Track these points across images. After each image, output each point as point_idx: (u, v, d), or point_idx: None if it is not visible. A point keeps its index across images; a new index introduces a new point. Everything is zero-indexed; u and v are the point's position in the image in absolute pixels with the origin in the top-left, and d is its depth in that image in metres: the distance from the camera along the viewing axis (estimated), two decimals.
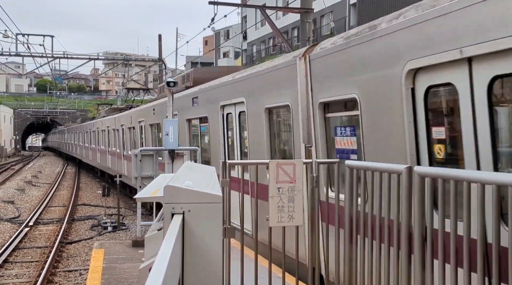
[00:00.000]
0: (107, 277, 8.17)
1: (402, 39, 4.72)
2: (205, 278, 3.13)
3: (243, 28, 59.86)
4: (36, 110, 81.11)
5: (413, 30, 4.55)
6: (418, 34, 4.47)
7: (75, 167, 46.81)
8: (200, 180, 3.86)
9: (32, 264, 13.32)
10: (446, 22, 4.14)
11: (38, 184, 33.12)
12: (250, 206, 7.83)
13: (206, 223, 3.15)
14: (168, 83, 11.84)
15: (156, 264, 2.06)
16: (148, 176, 12.10)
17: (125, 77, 48.93)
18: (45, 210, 22.23)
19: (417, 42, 4.49)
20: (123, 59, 40.95)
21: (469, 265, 3.30)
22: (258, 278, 5.17)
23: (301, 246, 5.43)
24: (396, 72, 4.81)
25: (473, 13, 3.85)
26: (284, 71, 7.34)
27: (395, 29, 4.84)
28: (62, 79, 56.84)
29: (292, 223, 4.89)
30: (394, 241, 4.01)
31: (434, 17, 4.27)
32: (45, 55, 32.80)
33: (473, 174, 3.29)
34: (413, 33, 4.55)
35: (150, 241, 4.57)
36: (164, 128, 11.33)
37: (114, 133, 24.66)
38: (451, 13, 4.08)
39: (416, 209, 3.75)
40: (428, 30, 4.33)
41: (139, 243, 9.99)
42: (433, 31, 4.28)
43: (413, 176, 3.78)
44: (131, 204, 22.02)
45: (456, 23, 4.02)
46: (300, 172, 4.86)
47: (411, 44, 4.57)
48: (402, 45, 4.71)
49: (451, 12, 4.09)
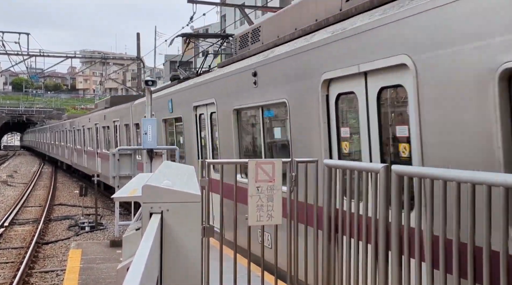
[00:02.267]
0: (85, 278, 8.09)
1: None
2: (184, 278, 3.12)
3: (222, 27, 59.81)
4: (11, 108, 79.79)
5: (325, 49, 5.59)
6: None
7: (51, 166, 46.18)
8: (179, 179, 3.84)
9: (7, 265, 13.10)
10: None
11: (13, 184, 32.59)
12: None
13: (185, 223, 3.14)
14: (146, 82, 11.76)
15: (134, 264, 2.05)
16: (126, 175, 12.00)
17: (103, 76, 48.50)
18: (21, 210, 21.89)
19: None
20: (101, 57, 40.51)
21: (445, 264, 3.35)
22: (238, 277, 5.17)
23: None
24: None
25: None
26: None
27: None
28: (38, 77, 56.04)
29: (271, 221, 4.90)
30: (372, 239, 4.05)
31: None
32: (21, 53, 32.27)
33: (449, 173, 3.34)
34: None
35: (128, 241, 4.54)
36: (142, 127, 11.26)
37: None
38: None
39: (393, 207, 3.79)
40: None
41: (117, 243, 9.92)
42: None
43: (390, 175, 3.82)
44: (109, 203, 21.81)
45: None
46: (279, 171, 4.87)
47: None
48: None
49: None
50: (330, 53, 5.46)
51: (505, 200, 2.95)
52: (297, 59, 6.19)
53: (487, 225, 3.06)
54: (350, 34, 5.11)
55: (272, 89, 6.88)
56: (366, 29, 4.83)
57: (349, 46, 5.11)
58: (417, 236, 3.55)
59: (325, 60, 5.56)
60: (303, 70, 6.06)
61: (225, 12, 60.29)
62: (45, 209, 21.39)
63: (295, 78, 6.28)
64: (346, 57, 5.17)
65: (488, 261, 3.05)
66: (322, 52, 5.63)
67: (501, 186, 2.94)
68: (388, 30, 4.52)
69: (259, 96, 7.28)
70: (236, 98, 8.13)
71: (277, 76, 6.73)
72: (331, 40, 5.47)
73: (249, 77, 7.53)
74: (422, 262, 3.55)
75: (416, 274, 3.57)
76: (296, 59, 6.22)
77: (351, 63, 5.06)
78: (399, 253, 3.77)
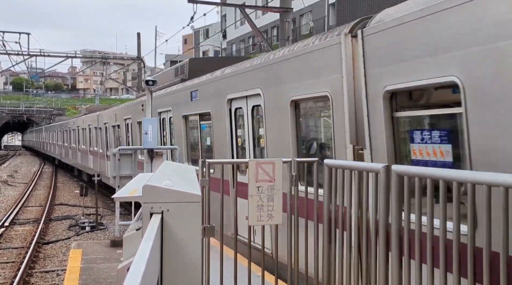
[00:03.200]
0: (85, 278, 8.09)
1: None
2: (184, 278, 3.13)
3: (222, 27, 59.77)
4: (11, 108, 79.76)
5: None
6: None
7: (52, 166, 46.19)
8: (179, 179, 3.85)
9: (8, 265, 13.11)
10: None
11: (14, 183, 32.59)
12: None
13: (185, 223, 3.14)
14: (147, 81, 11.76)
15: (134, 264, 2.05)
16: (126, 175, 12.00)
17: (103, 76, 48.49)
18: (21, 210, 21.90)
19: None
20: (101, 57, 40.55)
21: (445, 263, 3.35)
22: (238, 277, 5.17)
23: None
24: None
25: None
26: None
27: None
28: (38, 77, 56.04)
29: (272, 221, 4.90)
30: (372, 238, 4.05)
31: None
32: (21, 53, 32.29)
33: (448, 173, 3.34)
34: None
35: (128, 241, 4.55)
36: (143, 127, 11.25)
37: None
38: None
39: (393, 207, 3.79)
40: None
41: (118, 243, 9.92)
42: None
43: (391, 175, 3.82)
44: (110, 203, 21.82)
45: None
46: (280, 171, 4.88)
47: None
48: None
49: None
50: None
51: (505, 200, 2.95)
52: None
53: (487, 225, 3.06)
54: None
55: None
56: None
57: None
58: (417, 235, 3.55)
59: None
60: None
61: (225, 12, 60.23)
62: (45, 209, 21.40)
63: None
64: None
65: (488, 261, 3.05)
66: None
67: (501, 186, 2.94)
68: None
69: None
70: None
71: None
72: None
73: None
74: (421, 261, 3.56)
75: (416, 273, 3.57)
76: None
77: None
78: (399, 252, 3.77)
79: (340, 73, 5.64)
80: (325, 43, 6.04)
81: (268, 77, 7.52)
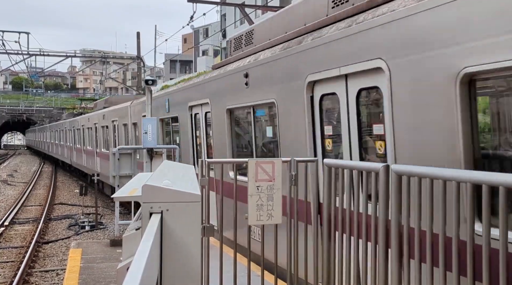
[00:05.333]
0: (85, 277, 8.09)
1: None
2: (184, 277, 3.13)
3: (222, 26, 59.77)
4: (11, 108, 79.72)
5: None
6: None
7: (51, 165, 46.17)
8: (179, 179, 3.85)
9: (8, 264, 13.11)
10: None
11: (13, 183, 32.58)
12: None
13: (185, 222, 3.14)
14: (146, 81, 11.75)
15: (134, 264, 2.05)
16: (126, 175, 12.00)
17: (103, 75, 48.50)
18: (21, 209, 21.90)
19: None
20: (101, 56, 40.58)
21: (445, 262, 3.35)
22: (238, 276, 5.17)
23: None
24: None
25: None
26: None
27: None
28: (38, 76, 56.02)
29: (271, 221, 4.90)
30: (372, 238, 4.05)
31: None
32: (21, 52, 32.28)
33: (449, 172, 3.34)
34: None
35: (128, 241, 4.54)
36: (142, 126, 11.25)
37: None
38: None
39: (393, 206, 3.79)
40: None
41: (117, 243, 9.92)
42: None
43: (390, 174, 3.82)
44: (109, 203, 21.81)
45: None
46: (279, 171, 4.87)
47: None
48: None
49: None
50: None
51: (504, 200, 2.95)
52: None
53: (487, 224, 3.06)
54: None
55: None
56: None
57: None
58: (416, 235, 3.56)
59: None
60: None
61: (225, 12, 60.24)
62: (45, 208, 21.39)
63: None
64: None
65: (488, 259, 3.05)
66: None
67: (501, 186, 2.94)
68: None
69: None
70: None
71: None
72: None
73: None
74: (421, 260, 3.56)
75: (416, 272, 3.57)
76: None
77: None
78: (399, 251, 3.77)
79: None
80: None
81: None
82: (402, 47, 4.30)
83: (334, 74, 5.31)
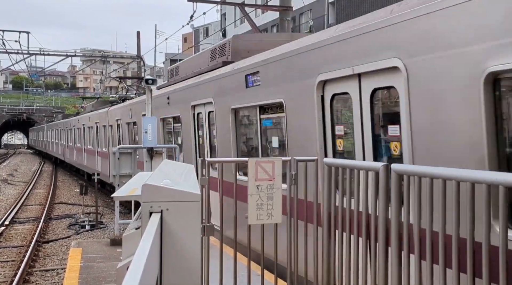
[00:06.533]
0: (85, 276, 8.09)
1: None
2: (184, 277, 3.13)
3: (222, 26, 59.73)
4: (11, 107, 79.73)
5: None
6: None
7: (52, 165, 46.17)
8: (179, 178, 3.85)
9: (8, 263, 13.12)
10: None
11: (14, 182, 32.59)
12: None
13: (185, 222, 3.14)
14: (146, 80, 11.75)
15: (134, 263, 2.05)
16: (126, 174, 12.00)
17: (103, 74, 48.48)
18: (21, 209, 21.90)
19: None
20: (101, 56, 40.54)
21: (445, 261, 3.36)
22: (237, 276, 5.17)
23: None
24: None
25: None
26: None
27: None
28: (38, 76, 55.99)
29: (271, 220, 4.90)
30: (371, 237, 4.06)
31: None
32: (21, 52, 32.25)
33: (448, 172, 3.34)
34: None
35: (128, 240, 4.54)
36: (142, 125, 11.25)
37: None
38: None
39: (393, 205, 3.79)
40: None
41: (117, 242, 9.92)
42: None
43: (390, 174, 3.82)
44: (109, 202, 21.82)
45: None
46: (279, 170, 4.87)
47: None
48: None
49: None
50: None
51: (505, 199, 2.96)
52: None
53: (487, 223, 3.07)
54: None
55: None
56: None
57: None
58: (416, 233, 3.56)
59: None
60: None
61: (225, 11, 60.20)
62: (45, 207, 21.40)
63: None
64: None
65: (487, 257, 3.05)
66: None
67: (501, 185, 2.94)
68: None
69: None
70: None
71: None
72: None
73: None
74: (421, 259, 3.56)
75: (416, 271, 3.57)
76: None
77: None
78: (399, 251, 3.78)
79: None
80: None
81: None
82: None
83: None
